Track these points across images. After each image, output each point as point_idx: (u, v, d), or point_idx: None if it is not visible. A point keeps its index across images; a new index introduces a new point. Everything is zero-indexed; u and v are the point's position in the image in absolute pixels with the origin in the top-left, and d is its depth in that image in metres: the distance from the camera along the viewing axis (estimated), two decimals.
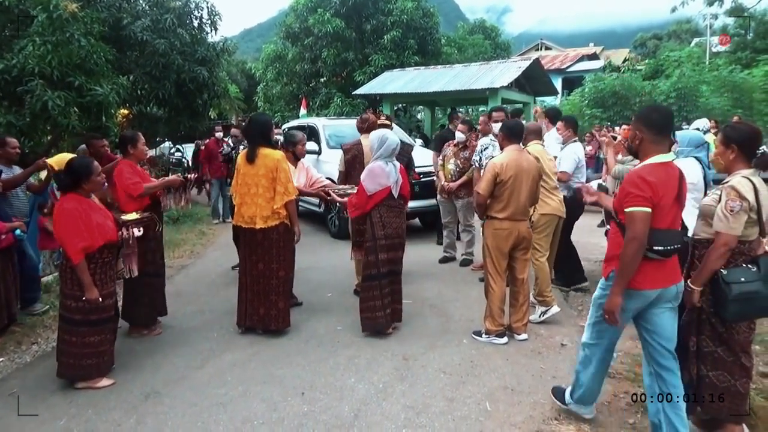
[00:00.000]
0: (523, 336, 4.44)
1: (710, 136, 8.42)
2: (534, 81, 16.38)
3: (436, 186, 7.21)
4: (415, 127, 18.77)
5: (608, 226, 3.06)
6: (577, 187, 4.24)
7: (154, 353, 4.34)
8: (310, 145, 8.78)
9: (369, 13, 19.79)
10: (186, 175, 6.14)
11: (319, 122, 9.93)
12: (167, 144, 17.07)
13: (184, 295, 5.83)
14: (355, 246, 5.34)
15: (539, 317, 4.82)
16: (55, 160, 5.14)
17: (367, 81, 18.16)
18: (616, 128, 11.01)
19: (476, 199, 4.48)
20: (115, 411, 3.46)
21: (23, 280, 5.14)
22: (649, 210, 2.60)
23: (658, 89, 15.91)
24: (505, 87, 14.39)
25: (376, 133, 4.66)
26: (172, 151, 17.11)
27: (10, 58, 7.04)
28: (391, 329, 4.63)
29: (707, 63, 19.46)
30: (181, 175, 5.55)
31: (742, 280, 2.77)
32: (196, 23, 12.26)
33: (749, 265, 2.84)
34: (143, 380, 3.87)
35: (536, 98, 17.45)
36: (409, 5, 19.04)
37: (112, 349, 3.94)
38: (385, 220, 4.51)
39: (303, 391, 3.65)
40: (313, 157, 8.69)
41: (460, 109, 20.74)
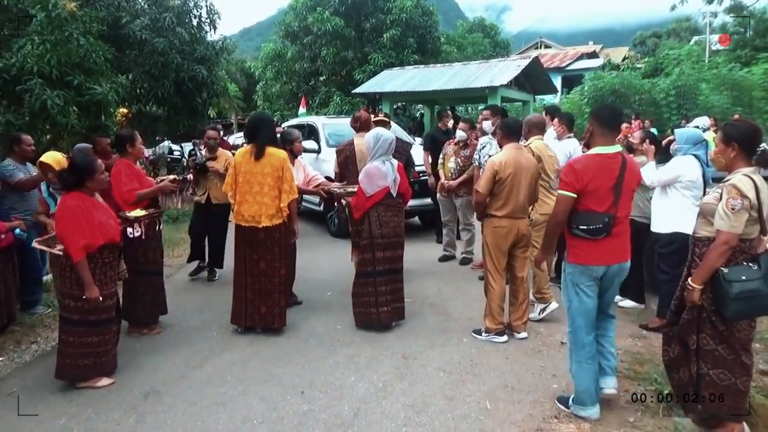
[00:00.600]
0: (523, 334, 4.43)
1: (710, 134, 8.43)
2: (533, 79, 16.38)
3: (429, 184, 7.24)
4: (416, 125, 18.54)
5: None
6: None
7: (154, 352, 4.34)
8: (310, 144, 8.79)
9: (368, 12, 19.79)
10: (184, 176, 6.14)
11: (319, 121, 9.92)
12: (166, 143, 17.06)
13: (184, 294, 5.83)
14: (355, 247, 5.34)
15: (538, 315, 4.82)
16: (50, 159, 5.12)
17: (366, 79, 18.16)
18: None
19: (475, 198, 4.48)
20: (115, 410, 3.46)
21: (25, 281, 5.14)
22: (570, 194, 3.02)
23: (658, 87, 15.93)
24: (505, 85, 14.39)
25: (371, 133, 4.69)
26: (170, 149, 17.10)
27: (9, 57, 7.03)
28: (393, 325, 4.63)
29: (707, 61, 19.47)
30: (181, 176, 5.54)
31: (743, 278, 2.77)
32: (195, 22, 12.24)
33: (750, 264, 2.83)
34: (143, 379, 3.87)
35: (536, 97, 17.46)
36: (409, 4, 19.04)
37: (114, 351, 3.92)
38: (383, 219, 4.53)
39: (302, 390, 3.64)
40: (313, 156, 8.68)
41: (459, 108, 20.76)
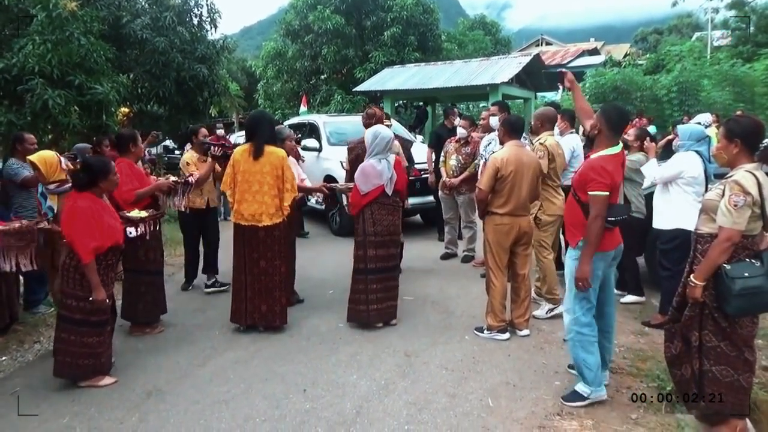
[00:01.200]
0: (525, 331, 4.43)
1: (712, 130, 8.41)
2: (534, 76, 16.34)
3: (430, 183, 7.23)
4: (420, 113, 18.10)
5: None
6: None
7: (156, 351, 4.34)
8: (311, 143, 8.79)
9: (369, 10, 19.76)
10: (186, 178, 6.09)
11: (320, 119, 9.91)
12: (168, 143, 17.06)
13: (186, 294, 5.84)
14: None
15: (545, 314, 4.81)
16: (37, 158, 5.12)
17: (367, 78, 18.14)
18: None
19: (478, 195, 4.48)
20: (118, 409, 3.46)
21: (27, 281, 5.15)
22: (608, 193, 3.19)
23: (659, 84, 15.86)
24: (506, 83, 14.38)
25: (369, 131, 4.70)
26: (172, 149, 17.08)
27: (10, 57, 7.04)
28: (381, 325, 4.64)
29: (708, 57, 19.40)
30: (182, 177, 5.51)
31: (746, 275, 2.76)
32: (195, 21, 12.25)
33: (753, 260, 2.82)
34: (146, 378, 3.88)
35: (537, 94, 17.42)
36: (409, 1, 19.00)
37: (110, 351, 3.93)
38: (376, 218, 4.54)
39: (305, 388, 3.65)
40: (314, 155, 8.68)
41: (461, 105, 20.70)
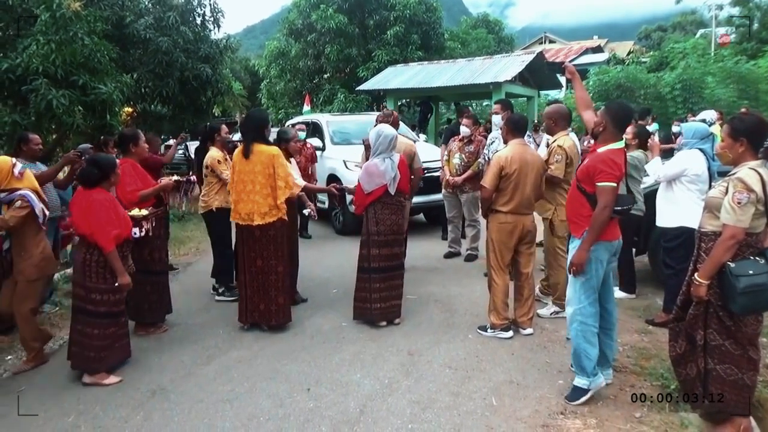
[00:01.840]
0: (529, 330, 4.43)
1: (716, 128, 8.37)
2: (538, 75, 16.30)
3: (443, 179, 7.22)
4: (424, 107, 17.99)
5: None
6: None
7: (161, 350, 4.36)
8: (315, 142, 8.80)
9: (372, 9, 19.72)
10: (188, 177, 6.16)
11: (323, 118, 9.92)
12: (171, 142, 17.05)
13: (190, 293, 5.85)
14: None
15: (549, 314, 4.80)
16: None
17: (370, 77, 18.11)
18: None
19: (482, 194, 4.47)
20: (123, 408, 3.48)
21: None
22: (616, 185, 3.25)
23: (663, 81, 15.82)
24: (509, 81, 14.33)
25: (373, 130, 4.69)
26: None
27: (14, 57, 7.05)
28: (385, 324, 4.64)
29: (712, 54, 19.30)
30: (185, 176, 5.54)
31: (751, 272, 2.75)
32: (199, 21, 12.25)
33: (757, 258, 2.82)
34: (150, 377, 3.89)
35: (540, 92, 17.37)
36: (412, 0, 18.96)
37: (128, 340, 4.11)
38: (379, 217, 4.55)
39: (309, 387, 3.65)
40: (318, 154, 8.68)
41: (463, 104, 20.68)
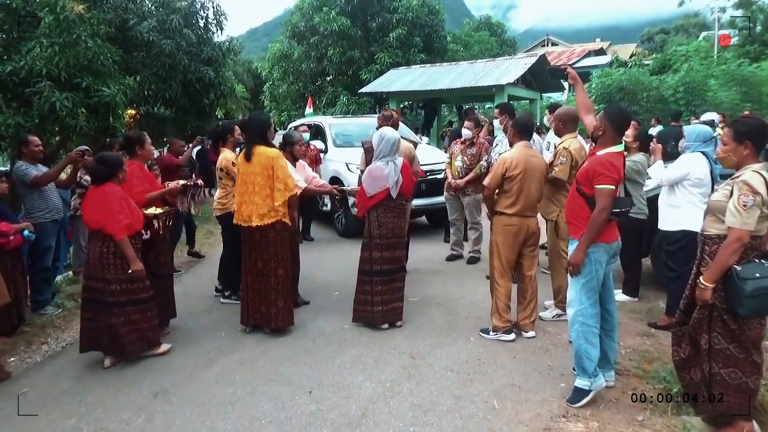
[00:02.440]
0: (531, 333, 4.42)
1: (717, 130, 8.37)
2: (540, 77, 16.30)
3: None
4: (429, 110, 17.95)
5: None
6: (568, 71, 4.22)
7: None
8: (317, 144, 8.80)
9: (374, 11, 19.75)
10: (195, 181, 6.13)
11: (326, 121, 9.92)
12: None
13: (192, 295, 5.85)
14: None
15: (552, 317, 4.79)
16: None
17: (373, 79, 18.13)
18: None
19: (484, 193, 4.52)
20: (124, 410, 3.48)
21: (33, 282, 5.20)
22: (614, 187, 3.29)
23: (666, 84, 15.80)
24: (512, 84, 14.34)
25: (376, 133, 4.70)
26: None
27: (18, 60, 7.08)
28: (387, 326, 4.64)
29: (715, 57, 19.28)
30: (191, 180, 5.51)
31: (757, 275, 2.74)
32: (202, 23, 12.27)
33: (762, 260, 2.81)
34: (152, 379, 3.89)
35: (543, 94, 17.36)
36: (415, 3, 18.98)
37: (155, 325, 4.29)
38: (381, 220, 4.56)
39: (310, 390, 3.65)
40: (320, 156, 8.68)
41: (466, 106, 20.68)
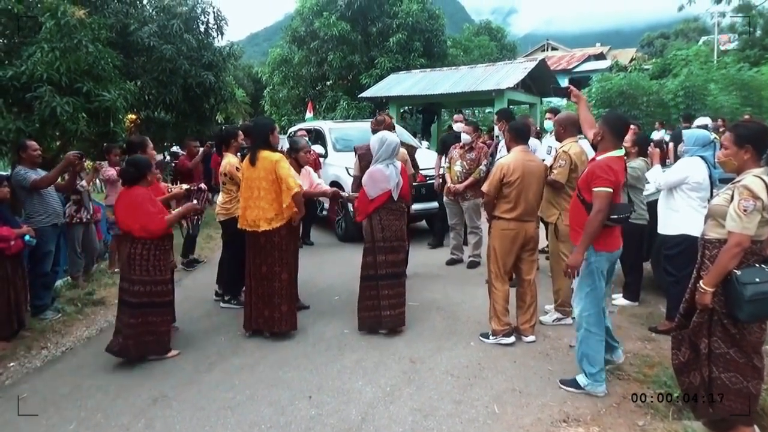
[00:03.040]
0: (531, 338, 4.41)
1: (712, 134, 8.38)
2: (540, 82, 16.32)
3: (436, 188, 7.31)
4: (427, 114, 18.00)
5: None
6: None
7: (163, 357, 4.35)
8: (317, 149, 8.81)
9: (374, 16, 19.82)
10: (198, 186, 6.13)
11: (326, 125, 9.94)
12: (176, 149, 17.10)
13: (192, 300, 5.85)
14: None
15: (552, 321, 4.78)
16: None
17: (373, 84, 18.17)
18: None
19: (484, 199, 4.54)
20: (124, 415, 3.47)
21: (35, 287, 5.19)
22: (611, 190, 3.35)
23: (666, 88, 15.81)
24: (511, 88, 14.36)
25: (376, 136, 4.70)
26: (177, 155, 17.10)
27: (19, 65, 7.10)
28: (387, 331, 4.63)
29: (715, 61, 19.32)
30: (194, 185, 5.52)
31: (757, 280, 2.74)
32: (202, 28, 12.33)
33: (762, 265, 2.81)
34: (152, 384, 3.89)
35: (543, 99, 17.39)
36: (415, 7, 19.05)
37: (169, 330, 4.43)
38: (384, 223, 4.56)
39: (310, 395, 3.64)
40: (320, 161, 8.69)
41: (467, 111, 20.71)
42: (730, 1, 23.90)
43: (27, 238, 4.71)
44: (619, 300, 5.20)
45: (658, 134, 12.71)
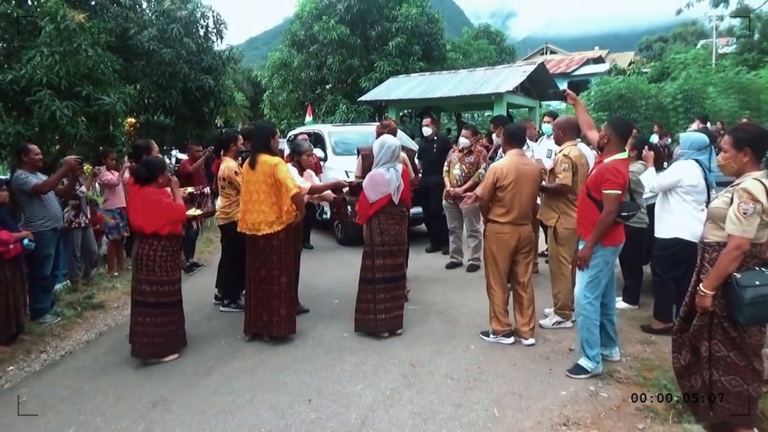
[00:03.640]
0: (531, 341, 4.41)
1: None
2: (539, 85, 16.36)
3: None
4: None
5: None
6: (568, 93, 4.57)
7: (162, 361, 4.34)
8: (317, 152, 8.81)
9: (374, 20, 19.87)
10: (201, 190, 6.15)
11: (325, 129, 9.95)
12: (175, 152, 17.11)
13: (192, 303, 5.83)
14: None
15: (552, 324, 4.78)
16: None
17: (372, 87, 18.21)
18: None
19: (479, 203, 4.56)
20: (123, 418, 3.47)
21: (34, 291, 5.19)
22: (620, 192, 3.55)
23: (665, 92, 15.86)
24: (511, 92, 14.40)
25: (377, 140, 4.72)
26: (177, 158, 17.12)
27: (19, 69, 7.11)
28: (387, 334, 4.63)
29: (713, 65, 19.38)
30: (198, 189, 5.54)
31: (757, 283, 2.74)
32: (202, 32, 12.34)
33: (762, 268, 2.81)
34: (151, 388, 3.88)
35: (542, 102, 17.42)
36: (414, 11, 19.09)
37: (181, 329, 4.48)
38: (383, 227, 4.56)
39: (310, 398, 3.64)
40: (321, 165, 8.69)
41: (466, 114, 20.76)
42: (728, 5, 23.98)
43: (26, 242, 4.70)
44: (619, 303, 5.19)
45: (656, 138, 12.73)
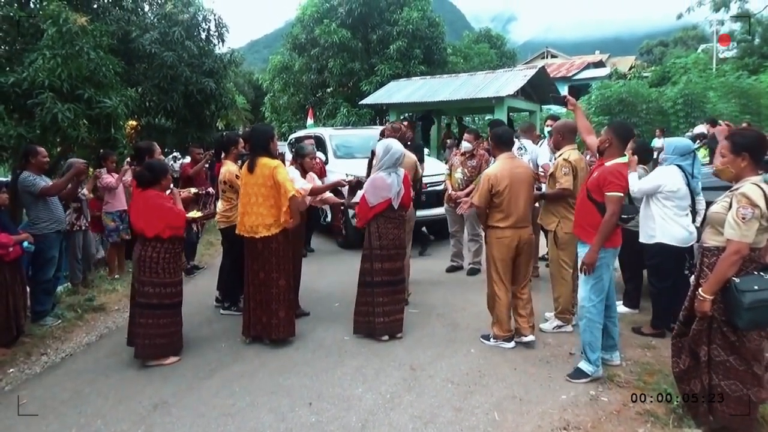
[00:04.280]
0: (530, 337, 4.41)
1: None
2: (540, 89, 16.38)
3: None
4: (425, 121, 18.09)
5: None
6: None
7: (163, 363, 4.34)
8: (321, 156, 8.83)
9: (375, 24, 19.88)
10: (206, 190, 6.15)
11: (326, 132, 9.96)
12: (176, 154, 17.12)
13: (193, 306, 5.83)
14: None
15: (552, 329, 4.78)
16: None
17: (373, 91, 18.22)
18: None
19: (477, 210, 4.60)
20: (124, 421, 3.47)
21: (35, 293, 5.20)
22: (622, 195, 3.61)
23: (665, 96, 15.89)
24: (511, 95, 14.41)
25: (381, 143, 4.72)
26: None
27: (21, 72, 7.12)
28: (387, 338, 4.64)
29: (714, 69, 19.43)
30: (202, 190, 5.55)
31: (756, 288, 2.75)
32: (203, 35, 12.35)
33: (761, 273, 2.82)
34: (152, 390, 3.88)
35: (542, 106, 17.44)
36: (415, 15, 19.12)
37: (180, 331, 4.49)
38: (382, 231, 4.58)
39: (310, 402, 3.64)
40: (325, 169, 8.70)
41: (467, 118, 20.77)
42: (728, 9, 24.03)
43: (25, 244, 4.72)
44: (620, 307, 5.19)
45: (658, 142, 12.75)
